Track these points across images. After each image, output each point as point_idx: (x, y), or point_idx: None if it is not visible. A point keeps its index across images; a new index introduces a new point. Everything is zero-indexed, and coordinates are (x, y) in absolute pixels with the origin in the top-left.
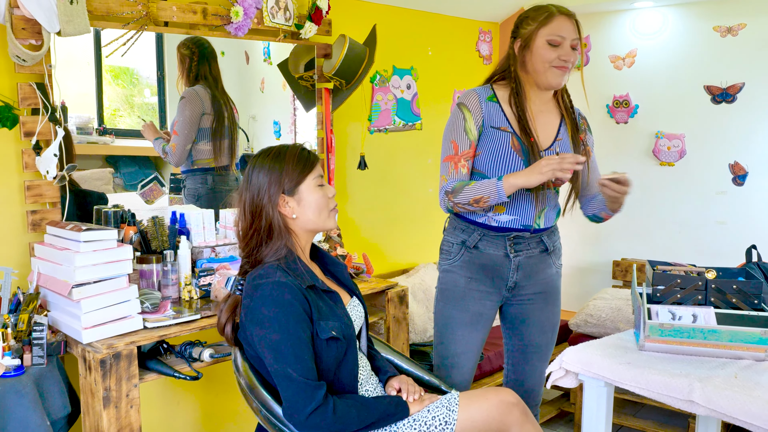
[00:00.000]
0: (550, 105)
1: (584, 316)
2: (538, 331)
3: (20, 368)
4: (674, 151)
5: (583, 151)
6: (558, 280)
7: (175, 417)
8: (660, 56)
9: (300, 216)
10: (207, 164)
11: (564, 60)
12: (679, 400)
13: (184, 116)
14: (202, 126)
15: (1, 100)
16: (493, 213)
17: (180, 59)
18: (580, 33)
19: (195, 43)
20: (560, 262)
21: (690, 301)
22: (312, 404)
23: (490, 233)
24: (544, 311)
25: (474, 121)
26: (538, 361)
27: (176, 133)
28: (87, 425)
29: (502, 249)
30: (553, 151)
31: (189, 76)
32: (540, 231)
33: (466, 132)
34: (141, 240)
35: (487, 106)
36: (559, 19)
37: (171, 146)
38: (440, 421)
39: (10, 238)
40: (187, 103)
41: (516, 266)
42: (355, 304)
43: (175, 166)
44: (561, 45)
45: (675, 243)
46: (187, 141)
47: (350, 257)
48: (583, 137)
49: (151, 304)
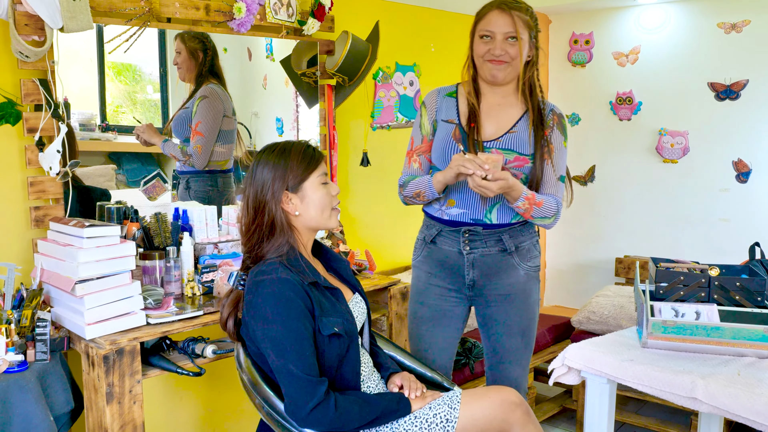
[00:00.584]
0: (511, 99)
1: (586, 314)
2: (506, 334)
3: (24, 364)
4: (677, 148)
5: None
6: (529, 283)
7: (178, 413)
8: (664, 53)
9: (303, 213)
10: (219, 166)
11: (493, 55)
12: (682, 397)
13: (209, 116)
14: (223, 128)
15: (4, 96)
16: (445, 207)
17: (190, 53)
18: (520, 26)
19: (200, 35)
20: (531, 265)
21: (693, 299)
22: (314, 400)
23: (447, 228)
24: (511, 314)
25: (428, 117)
26: (510, 365)
27: (201, 134)
28: (90, 421)
29: (456, 245)
30: (500, 143)
31: (202, 71)
32: (495, 227)
33: (420, 127)
34: (144, 236)
35: (443, 101)
36: (493, 13)
37: (196, 147)
38: (442, 419)
39: (14, 234)
40: (211, 103)
41: (470, 263)
42: (357, 301)
43: (200, 168)
44: (492, 38)
45: (678, 240)
46: (211, 142)
47: (353, 254)
48: (548, 133)
49: (154, 300)
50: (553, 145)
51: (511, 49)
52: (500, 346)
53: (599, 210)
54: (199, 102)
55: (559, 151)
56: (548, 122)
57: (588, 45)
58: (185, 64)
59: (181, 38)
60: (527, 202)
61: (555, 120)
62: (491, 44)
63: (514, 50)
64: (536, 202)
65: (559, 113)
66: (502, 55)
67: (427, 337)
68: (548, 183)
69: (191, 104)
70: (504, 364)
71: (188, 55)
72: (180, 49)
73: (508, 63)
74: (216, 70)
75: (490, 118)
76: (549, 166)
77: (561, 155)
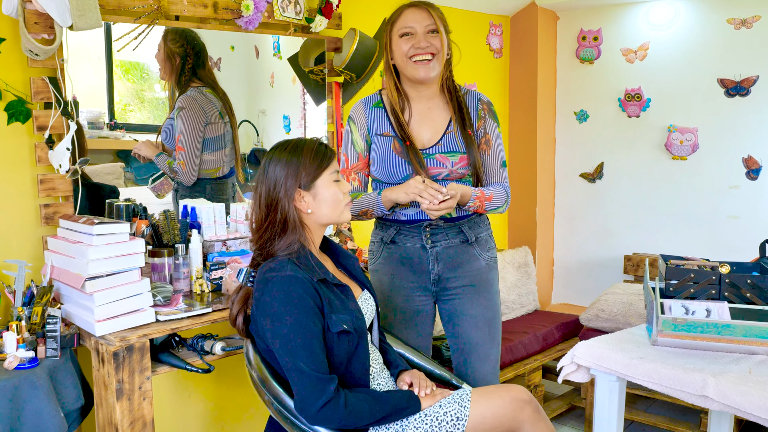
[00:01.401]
0: (438, 100)
1: (595, 311)
2: (471, 326)
3: (34, 360)
4: (687, 145)
5: (483, 140)
6: (490, 273)
7: (187, 409)
8: (673, 49)
9: (315, 211)
10: (209, 174)
11: (419, 48)
12: (693, 395)
13: (188, 129)
14: (207, 136)
15: (14, 94)
16: (400, 208)
17: (167, 55)
18: (438, 20)
19: (185, 37)
20: (490, 255)
21: (703, 296)
22: (323, 398)
23: (405, 226)
24: (475, 305)
25: (359, 132)
26: (478, 361)
27: (182, 149)
28: (100, 417)
29: (419, 241)
30: (441, 146)
31: (180, 77)
32: (456, 220)
33: (353, 144)
34: (153, 233)
35: (372, 113)
36: (409, 10)
37: (180, 164)
38: (452, 417)
39: (24, 231)
40: (188, 114)
41: (435, 257)
42: (366, 297)
43: (188, 185)
44: (413, 34)
45: (687, 238)
46: (195, 155)
47: (361, 251)
48: (482, 124)
49: (163, 297)
50: (489, 135)
51: (435, 41)
52: (466, 340)
53: (607, 207)
54: (178, 114)
55: (497, 139)
56: (479, 113)
57: (596, 41)
58: (162, 64)
59: (164, 36)
60: (477, 201)
61: (485, 109)
62: (413, 39)
63: (438, 42)
64: (486, 198)
65: (487, 101)
66: (428, 47)
67: (399, 337)
68: (493, 172)
69: (173, 114)
70: (471, 359)
71: (165, 57)
72: (160, 47)
73: (434, 56)
74: (200, 73)
75: (424, 124)
76: (489, 155)
77: (499, 141)
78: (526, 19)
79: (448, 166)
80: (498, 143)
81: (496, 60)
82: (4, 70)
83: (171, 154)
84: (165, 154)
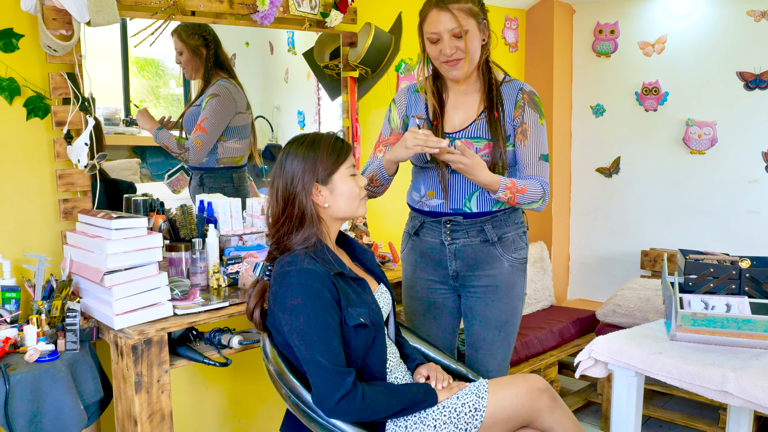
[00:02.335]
0: (474, 86)
1: (612, 306)
2: (482, 325)
3: (54, 353)
4: (705, 139)
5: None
6: (513, 275)
7: (204, 403)
8: (691, 42)
9: (332, 205)
10: (233, 162)
11: (446, 55)
12: (713, 390)
13: (217, 115)
14: (235, 124)
15: (32, 90)
16: (425, 198)
17: (192, 51)
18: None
19: (199, 28)
20: (517, 256)
21: (723, 291)
22: (341, 391)
23: (429, 220)
24: (490, 306)
25: (398, 112)
26: (485, 358)
27: (204, 130)
28: (119, 410)
29: (439, 236)
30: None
31: (208, 66)
32: (475, 216)
33: (389, 120)
34: (170, 228)
35: (412, 97)
36: (431, 14)
37: (195, 142)
38: (470, 408)
39: (43, 226)
40: (221, 102)
41: (453, 254)
42: (382, 291)
43: (193, 163)
44: (439, 40)
45: (705, 232)
46: (213, 140)
47: (376, 246)
48: (519, 113)
49: (181, 291)
50: (527, 125)
51: (460, 44)
52: (477, 337)
53: (624, 202)
54: (209, 99)
55: (536, 129)
56: (518, 102)
57: (613, 35)
58: (190, 64)
59: (179, 36)
60: (508, 191)
61: (525, 99)
62: (440, 45)
63: (464, 44)
64: (518, 190)
65: (529, 91)
66: (454, 53)
67: (422, 329)
68: (530, 164)
69: (201, 101)
70: (479, 355)
71: (191, 55)
72: (181, 49)
73: (462, 59)
74: (221, 61)
75: (457, 109)
76: (525, 146)
77: (540, 133)
78: (541, 12)
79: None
80: (537, 134)
81: (511, 54)
82: (23, 66)
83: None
84: (165, 129)
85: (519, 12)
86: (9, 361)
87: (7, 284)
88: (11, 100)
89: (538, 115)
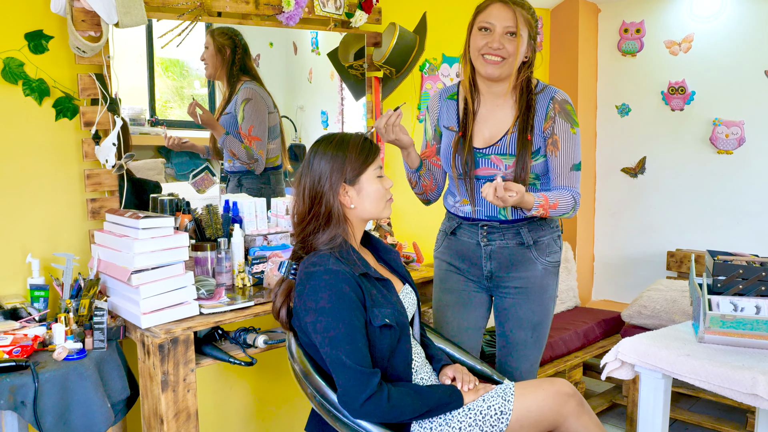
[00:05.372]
0: (507, 99)
1: (637, 308)
2: (515, 326)
3: (82, 351)
4: (732, 138)
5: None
6: (547, 278)
7: (229, 401)
8: (718, 40)
9: (358, 206)
10: (271, 163)
11: (492, 48)
12: (742, 393)
13: (260, 119)
14: (269, 125)
15: (61, 91)
16: (459, 204)
17: (217, 48)
18: (523, 22)
19: (231, 32)
20: (550, 260)
21: (753, 292)
22: (366, 391)
23: (465, 222)
24: (523, 307)
25: (430, 122)
26: (517, 359)
27: (258, 138)
28: (145, 408)
29: (475, 237)
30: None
31: (231, 71)
32: (513, 222)
33: (425, 132)
34: (195, 228)
35: (444, 105)
36: (495, 5)
37: (260, 153)
38: (496, 411)
39: (71, 225)
40: (256, 104)
41: (488, 255)
42: (407, 292)
43: (259, 173)
44: (491, 31)
45: (732, 233)
46: (266, 144)
47: (400, 246)
48: (550, 125)
49: (207, 290)
50: (557, 136)
51: (509, 44)
52: (510, 338)
53: (650, 202)
54: (245, 105)
55: (567, 140)
56: (549, 113)
57: (639, 34)
58: (212, 60)
59: (210, 33)
60: (541, 209)
61: (556, 109)
62: (489, 37)
63: (512, 46)
64: (551, 205)
65: (561, 99)
66: (500, 50)
67: (453, 322)
68: (561, 175)
69: (232, 108)
70: (512, 357)
71: (215, 51)
72: (208, 44)
73: (504, 59)
74: (248, 68)
75: (487, 122)
76: (556, 157)
77: (571, 143)
78: (567, 11)
79: (501, 168)
80: (568, 145)
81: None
82: (53, 67)
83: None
84: (232, 136)
85: (544, 11)
86: (38, 359)
87: (36, 283)
88: (41, 100)
89: (570, 125)
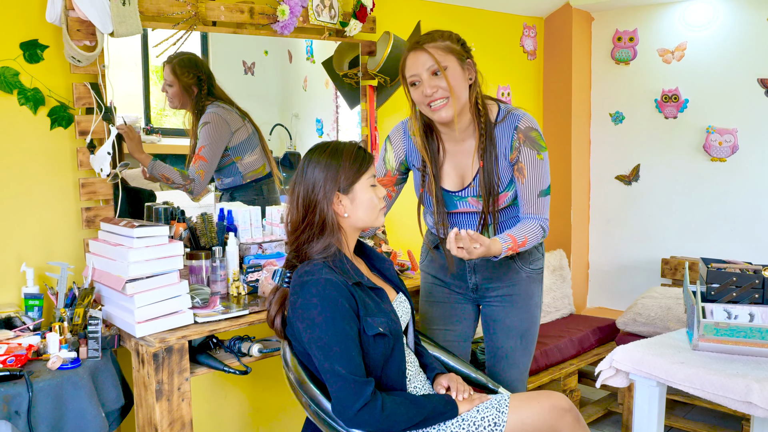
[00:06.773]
0: (469, 138)
1: (632, 315)
2: (504, 335)
3: (76, 361)
4: (726, 146)
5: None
6: (530, 285)
7: (224, 410)
8: (711, 49)
9: (352, 215)
10: (258, 174)
11: (428, 95)
12: (736, 401)
13: (213, 142)
14: (238, 141)
15: (56, 100)
16: (440, 225)
17: (183, 89)
18: (440, 58)
19: (194, 64)
20: (534, 267)
21: (746, 300)
22: (360, 401)
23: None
24: (510, 315)
25: (395, 155)
26: (507, 367)
27: (203, 159)
28: (140, 417)
29: None
30: (473, 189)
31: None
32: None
33: (384, 161)
34: (190, 236)
35: (409, 143)
36: (409, 57)
37: (199, 173)
38: (489, 422)
39: (66, 234)
40: (213, 127)
41: (472, 269)
42: (401, 300)
43: (196, 195)
44: (421, 81)
45: (726, 241)
46: (214, 167)
47: (395, 254)
48: (515, 156)
49: (201, 299)
50: (523, 164)
51: (441, 82)
52: (499, 346)
53: (644, 210)
54: (202, 128)
55: (533, 168)
56: (513, 144)
57: (632, 42)
58: (178, 98)
59: (172, 70)
60: (510, 251)
61: (521, 139)
62: (421, 87)
63: (443, 82)
64: (519, 245)
65: (525, 127)
66: (435, 92)
67: (439, 334)
68: (528, 202)
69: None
70: (501, 365)
71: (181, 90)
72: (172, 82)
73: (447, 98)
74: (212, 92)
75: (456, 168)
76: (524, 185)
77: (537, 170)
78: (560, 20)
79: (480, 208)
80: (534, 171)
81: (530, 62)
82: (48, 77)
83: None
84: (160, 162)
85: (537, 20)
86: (32, 369)
87: (31, 292)
88: (36, 110)
89: (536, 152)
